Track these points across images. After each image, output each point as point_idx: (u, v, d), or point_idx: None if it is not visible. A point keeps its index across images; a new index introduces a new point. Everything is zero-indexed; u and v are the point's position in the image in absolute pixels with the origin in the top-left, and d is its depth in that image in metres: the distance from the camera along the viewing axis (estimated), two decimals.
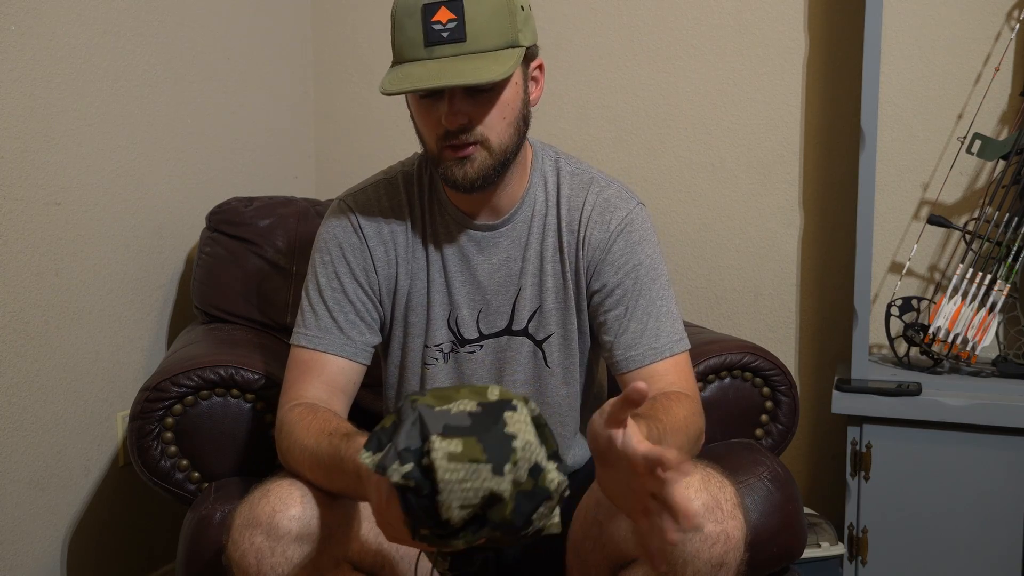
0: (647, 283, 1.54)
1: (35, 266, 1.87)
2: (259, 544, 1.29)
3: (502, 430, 1.11)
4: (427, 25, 1.38)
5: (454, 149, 1.43)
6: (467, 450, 1.09)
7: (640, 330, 1.52)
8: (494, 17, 1.39)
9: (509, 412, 1.12)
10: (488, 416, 1.12)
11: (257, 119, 2.51)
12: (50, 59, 1.89)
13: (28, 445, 1.88)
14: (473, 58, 1.38)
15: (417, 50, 1.39)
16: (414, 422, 1.11)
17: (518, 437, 1.11)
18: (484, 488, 1.08)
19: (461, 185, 1.46)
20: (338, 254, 1.55)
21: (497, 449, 1.09)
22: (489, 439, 1.10)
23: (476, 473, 1.08)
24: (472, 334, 1.59)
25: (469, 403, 1.13)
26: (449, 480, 1.08)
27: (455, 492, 1.08)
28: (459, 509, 1.09)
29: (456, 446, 1.08)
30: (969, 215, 2.29)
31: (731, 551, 1.30)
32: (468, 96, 1.41)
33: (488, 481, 1.08)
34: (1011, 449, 2.05)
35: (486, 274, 1.57)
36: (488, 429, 1.10)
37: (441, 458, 1.08)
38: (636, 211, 1.58)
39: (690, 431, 1.40)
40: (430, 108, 1.43)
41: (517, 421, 1.12)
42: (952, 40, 2.28)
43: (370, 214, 1.56)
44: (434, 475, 1.08)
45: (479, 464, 1.08)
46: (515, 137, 1.47)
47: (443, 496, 1.08)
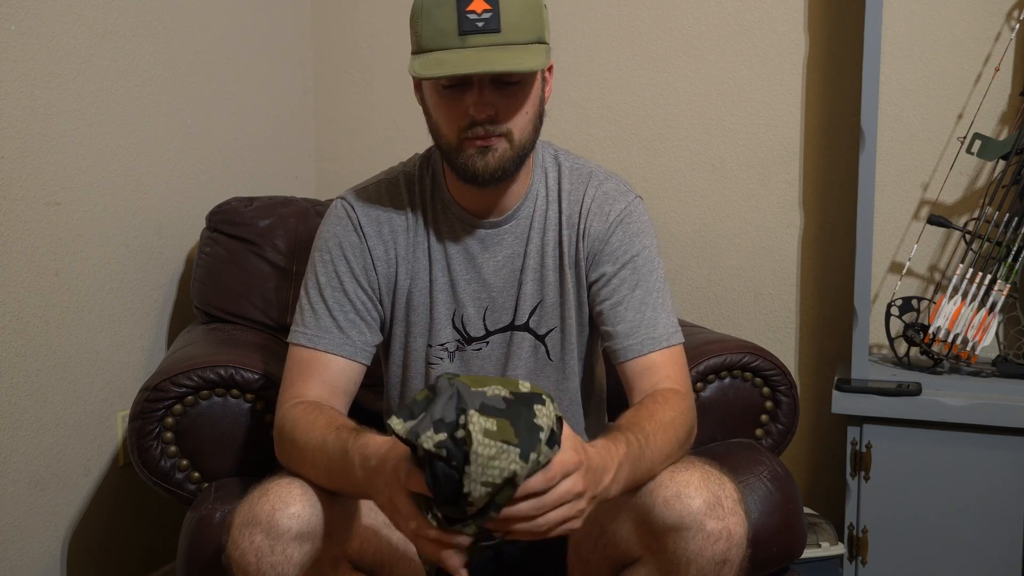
0: (644, 274, 1.55)
1: (35, 266, 1.87)
2: (259, 543, 1.29)
3: (532, 420, 1.13)
4: (461, 14, 1.38)
5: (474, 139, 1.43)
6: (501, 430, 1.11)
7: (638, 320, 1.52)
8: (527, 11, 1.41)
9: (539, 405, 1.15)
10: (521, 404, 1.14)
11: (257, 119, 2.51)
12: (50, 59, 1.89)
13: (28, 445, 1.88)
14: (508, 49, 1.39)
15: (449, 39, 1.39)
16: (451, 396, 1.13)
17: (544, 430, 1.13)
18: (509, 469, 1.11)
19: (481, 176, 1.45)
20: (338, 253, 1.55)
21: (527, 436, 1.12)
22: (521, 425, 1.12)
23: (506, 454, 1.10)
24: (479, 332, 1.59)
25: (502, 389, 1.15)
26: (481, 455, 1.10)
27: (483, 467, 1.10)
28: (481, 486, 1.11)
29: (492, 424, 1.11)
30: (969, 215, 2.29)
31: (734, 547, 1.31)
32: (496, 88, 1.42)
33: (514, 464, 1.11)
34: (1011, 449, 2.05)
35: (491, 271, 1.57)
36: (521, 416, 1.13)
37: (478, 431, 1.10)
38: (634, 204, 1.59)
39: (678, 430, 1.40)
40: (456, 98, 1.43)
41: (545, 415, 1.14)
42: (952, 40, 2.28)
43: (370, 213, 1.56)
44: (468, 447, 1.10)
45: (510, 446, 1.10)
46: (534, 133, 1.49)
47: (472, 468, 1.10)
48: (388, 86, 2.65)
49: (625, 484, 1.29)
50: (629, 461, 1.28)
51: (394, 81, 2.64)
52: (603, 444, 1.27)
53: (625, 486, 1.29)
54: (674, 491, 1.31)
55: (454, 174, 1.50)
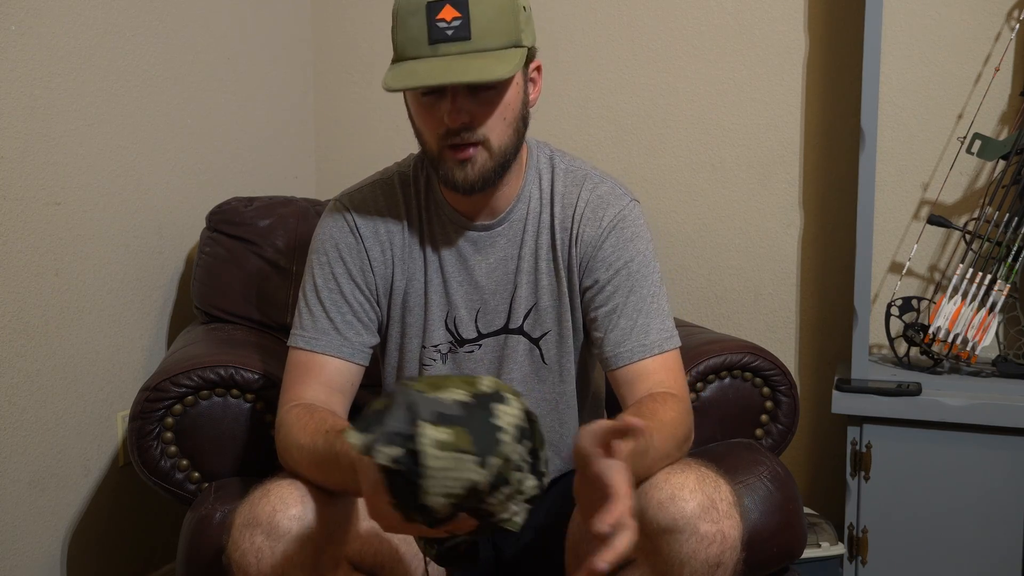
0: (638, 280, 1.54)
1: (35, 266, 1.87)
2: (259, 544, 1.29)
3: (492, 422, 1.11)
4: (431, 22, 1.37)
5: (454, 150, 1.43)
6: (456, 439, 1.09)
7: (629, 327, 1.52)
8: (498, 16, 1.40)
9: (500, 405, 1.12)
10: (480, 407, 1.12)
11: (257, 119, 2.51)
12: (50, 59, 1.89)
13: (28, 445, 1.88)
14: (478, 56, 1.38)
15: (420, 47, 1.39)
16: (406, 406, 1.11)
17: (506, 431, 1.11)
18: (467, 479, 1.09)
19: (461, 187, 1.45)
20: (335, 255, 1.55)
21: (485, 441, 1.09)
22: (478, 430, 1.10)
23: (461, 463, 1.08)
24: (471, 334, 1.59)
25: (461, 392, 1.13)
26: (435, 467, 1.08)
27: (439, 480, 1.08)
28: (442, 497, 1.09)
29: (445, 434, 1.09)
30: (969, 215, 2.29)
31: (727, 551, 1.30)
32: (471, 95, 1.41)
33: (472, 472, 1.09)
34: (1011, 449, 2.05)
35: (484, 274, 1.57)
36: (478, 420, 1.11)
37: (429, 444, 1.08)
38: (629, 208, 1.58)
39: (677, 433, 1.39)
40: (432, 106, 1.42)
41: (507, 414, 1.12)
42: (952, 40, 2.28)
43: (366, 214, 1.56)
44: (421, 461, 1.08)
45: (466, 455, 1.09)
46: (515, 138, 1.47)
47: (427, 482, 1.08)
48: None
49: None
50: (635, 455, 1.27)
51: None
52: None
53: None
54: (668, 493, 1.31)
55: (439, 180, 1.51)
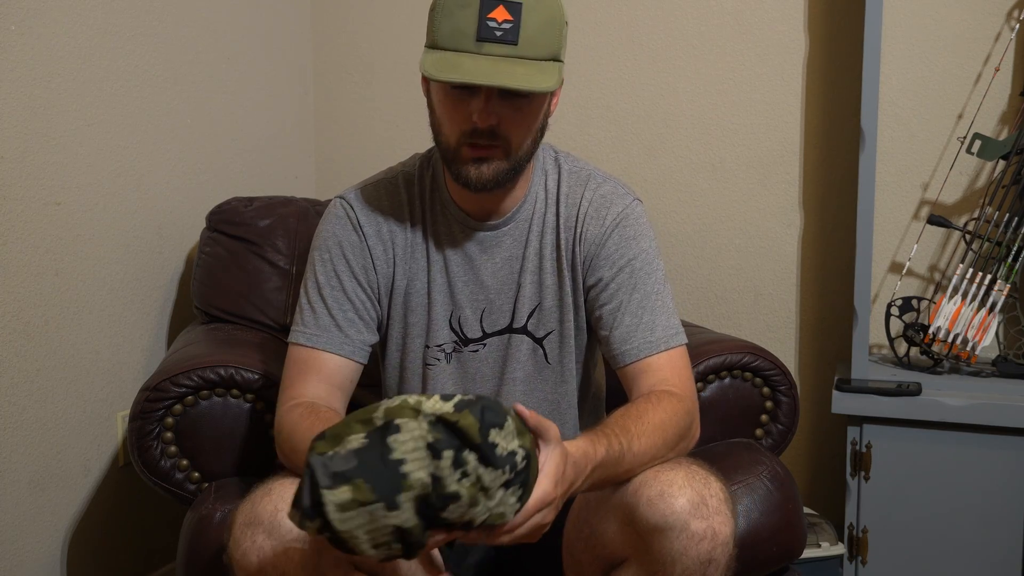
0: (642, 277, 1.54)
1: (35, 266, 1.87)
2: (261, 543, 1.29)
3: (388, 458, 1.10)
4: (482, 20, 1.37)
5: (473, 148, 1.43)
6: (356, 494, 1.09)
7: (635, 324, 1.52)
8: (546, 28, 1.40)
9: (393, 436, 1.11)
10: (373, 448, 1.11)
11: (257, 119, 2.51)
12: (50, 59, 1.89)
13: (28, 445, 1.88)
14: (522, 63, 1.38)
15: (466, 42, 1.38)
16: (308, 477, 1.11)
17: (407, 461, 1.10)
18: (386, 525, 1.09)
19: (474, 185, 1.45)
20: (337, 252, 1.55)
21: (386, 484, 1.09)
22: (376, 475, 1.09)
23: (372, 515, 1.09)
24: (475, 333, 1.59)
25: (358, 437, 1.12)
26: (347, 529, 1.09)
27: (360, 537, 1.10)
28: (373, 548, 1.11)
29: (344, 494, 1.09)
30: (969, 215, 2.29)
31: (719, 547, 1.30)
32: (503, 99, 1.41)
33: (386, 518, 1.09)
34: (1011, 449, 2.05)
35: (489, 273, 1.57)
36: (374, 464, 1.10)
37: (333, 512, 1.09)
38: (632, 207, 1.58)
39: (667, 433, 1.39)
40: (461, 102, 1.42)
41: (404, 442, 1.11)
42: (952, 40, 2.28)
43: (369, 213, 1.56)
44: (333, 528, 1.10)
45: (371, 506, 1.09)
46: (532, 146, 1.49)
47: (349, 542, 1.10)
48: (388, 86, 2.65)
49: (594, 483, 1.30)
50: (606, 465, 1.29)
51: (394, 81, 2.64)
52: (583, 446, 1.27)
53: (594, 484, 1.31)
54: (658, 490, 1.31)
55: (450, 176, 1.50)
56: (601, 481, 1.31)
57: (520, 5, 1.38)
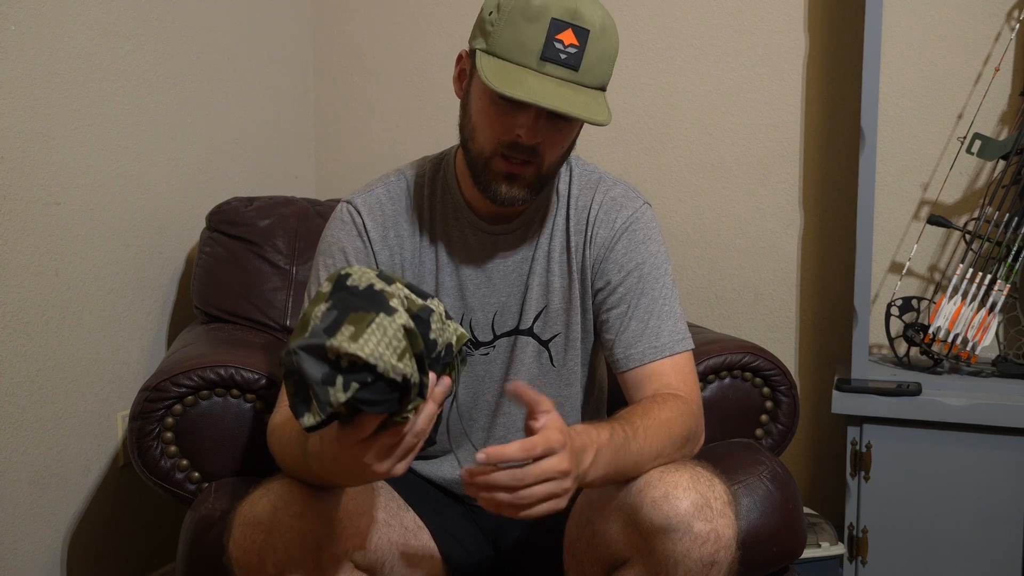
0: (650, 282, 1.54)
1: (35, 266, 1.87)
2: (261, 543, 1.29)
3: (357, 289, 1.14)
4: (550, 39, 1.36)
5: (508, 162, 1.42)
6: (355, 324, 1.11)
7: (641, 329, 1.52)
8: (604, 59, 1.41)
9: (350, 279, 1.15)
10: (340, 296, 1.14)
11: (257, 119, 2.51)
12: (50, 59, 1.89)
13: (28, 445, 1.88)
14: (581, 90, 1.38)
15: (528, 58, 1.36)
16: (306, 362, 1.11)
17: (373, 284, 1.14)
18: (396, 329, 1.11)
19: (502, 201, 1.45)
20: (341, 258, 1.55)
21: (370, 301, 1.12)
22: (358, 303, 1.12)
23: (380, 326, 1.11)
24: (487, 336, 1.58)
25: (321, 307, 1.15)
26: (371, 353, 1.09)
27: (383, 354, 1.10)
28: (398, 359, 1.11)
29: (347, 329, 1.10)
30: (969, 215, 2.29)
31: (722, 549, 1.30)
32: (549, 121, 1.40)
33: (392, 323, 1.11)
34: (1011, 449, 2.05)
35: (501, 276, 1.57)
36: (349, 300, 1.13)
37: (349, 346, 1.09)
38: (642, 210, 1.58)
39: (674, 432, 1.39)
40: (507, 114, 1.40)
41: (358, 275, 1.15)
42: (952, 40, 2.28)
43: (375, 217, 1.56)
44: (357, 368, 1.10)
45: (372, 321, 1.11)
46: (561, 163, 1.49)
47: (380, 365, 1.10)
48: (388, 86, 2.65)
49: (605, 471, 1.29)
50: (610, 448, 1.28)
51: (394, 81, 2.64)
52: (583, 428, 1.27)
53: (605, 473, 1.29)
54: (662, 491, 1.31)
55: (473, 183, 1.49)
56: (609, 468, 1.29)
57: (588, 32, 1.37)
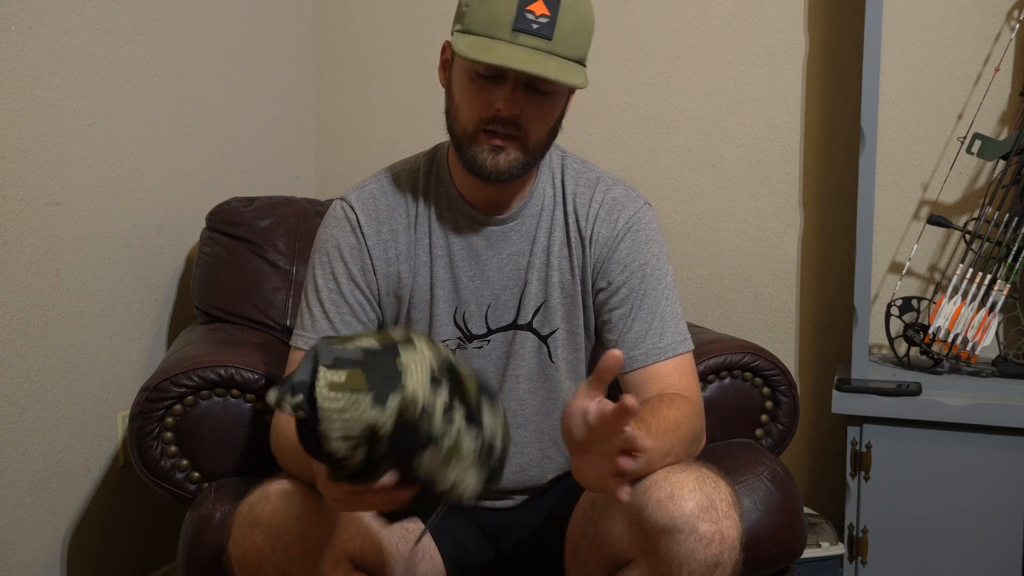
0: (653, 283, 1.54)
1: (35, 266, 1.87)
2: (260, 543, 1.29)
3: (393, 362, 1.11)
4: (521, 10, 1.38)
5: (491, 135, 1.44)
6: (350, 380, 1.08)
7: (644, 330, 1.52)
8: (579, 30, 1.41)
9: (407, 348, 1.12)
10: (384, 353, 1.12)
11: (257, 119, 2.51)
12: (50, 59, 1.89)
13: (28, 445, 1.88)
14: (554, 59, 1.39)
15: (501, 30, 1.38)
16: (308, 357, 1.11)
17: (410, 371, 1.10)
18: (364, 419, 1.08)
19: (489, 173, 1.45)
20: (336, 255, 1.55)
21: (382, 381, 1.09)
22: (377, 371, 1.10)
23: (356, 403, 1.08)
24: (480, 329, 1.59)
25: (370, 341, 1.13)
26: (328, 408, 1.08)
27: (335, 421, 1.08)
28: (340, 440, 1.08)
29: (340, 376, 1.08)
30: (969, 215, 2.29)
31: (726, 551, 1.30)
32: (527, 93, 1.42)
33: (368, 411, 1.08)
34: (1011, 449, 2.05)
35: (495, 269, 1.57)
36: (379, 362, 1.11)
37: (323, 387, 1.08)
38: (643, 211, 1.59)
39: (681, 432, 1.40)
40: (486, 88, 1.42)
41: (412, 357, 1.12)
42: (952, 40, 2.28)
43: (370, 213, 1.56)
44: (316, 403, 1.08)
45: (360, 394, 1.08)
46: (547, 144, 1.50)
47: (323, 425, 1.08)
48: (388, 86, 2.65)
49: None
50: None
51: (394, 81, 2.64)
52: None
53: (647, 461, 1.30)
54: (668, 492, 1.31)
55: (461, 163, 1.49)
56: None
57: (559, 2, 1.39)
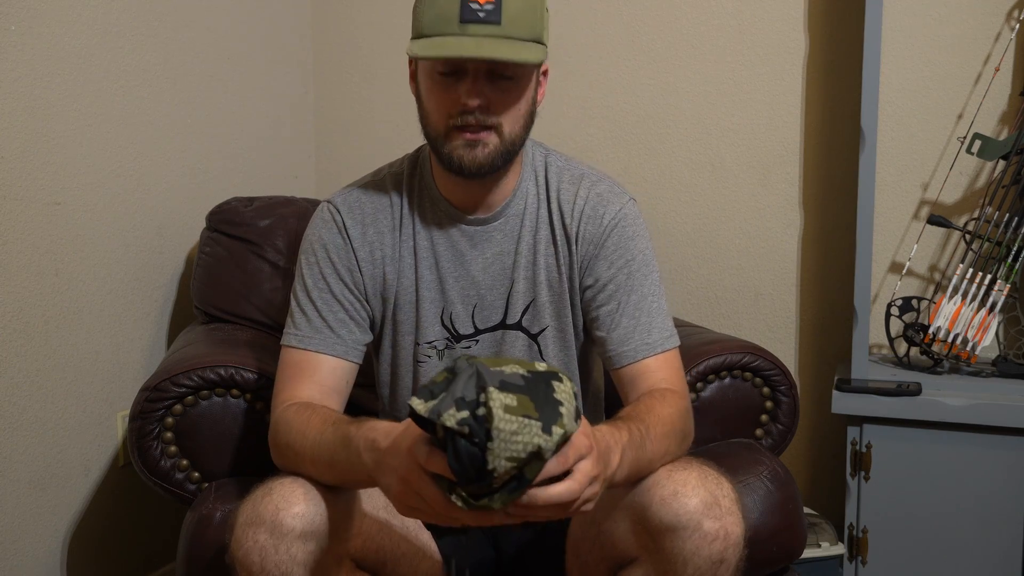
0: (639, 279, 1.55)
1: (35, 266, 1.87)
2: (263, 542, 1.29)
3: (552, 395, 1.13)
4: (464, 3, 1.39)
5: (464, 130, 1.44)
6: (522, 405, 1.11)
7: (632, 326, 1.52)
8: (527, 10, 1.42)
9: (556, 382, 1.15)
10: (539, 381, 1.14)
11: (257, 119, 2.51)
12: (50, 59, 1.89)
13: (28, 445, 1.88)
14: (506, 42, 1.40)
15: (449, 25, 1.40)
16: (471, 375, 1.13)
17: (564, 405, 1.14)
18: (532, 443, 1.10)
19: (467, 168, 1.46)
20: (323, 255, 1.56)
21: (548, 410, 1.12)
22: (541, 400, 1.12)
23: (528, 428, 1.10)
24: (467, 329, 1.59)
25: (520, 368, 1.16)
26: (503, 429, 1.10)
27: (506, 443, 1.10)
28: (506, 461, 1.10)
29: (512, 399, 1.11)
30: (969, 215, 2.29)
31: (730, 547, 1.30)
32: (489, 81, 1.43)
33: (537, 438, 1.10)
34: (1011, 449, 2.05)
35: (480, 268, 1.57)
36: (540, 392, 1.13)
37: (498, 407, 1.10)
38: (628, 206, 1.59)
39: (676, 428, 1.40)
40: (449, 85, 1.43)
41: (563, 391, 1.15)
42: (952, 40, 2.28)
43: (355, 215, 1.57)
44: (489, 423, 1.10)
45: (531, 420, 1.10)
46: (523, 132, 1.50)
47: (495, 444, 1.10)
48: (388, 86, 2.65)
49: (628, 470, 1.29)
50: (632, 447, 1.29)
51: (394, 81, 2.64)
52: (607, 429, 1.27)
53: (628, 473, 1.29)
54: (671, 490, 1.31)
55: (440, 165, 1.50)
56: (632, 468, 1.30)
57: None
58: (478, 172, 1.46)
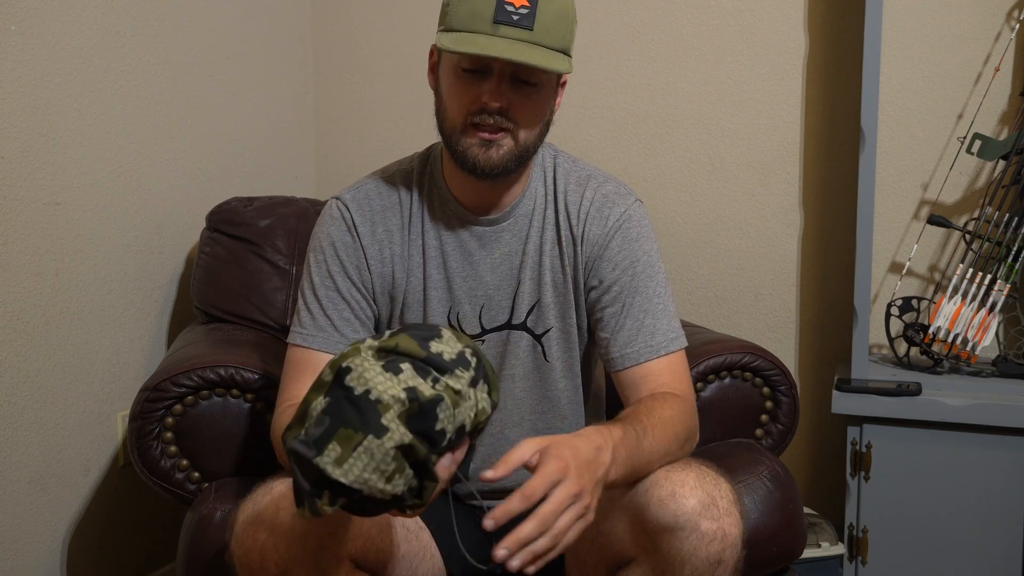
0: (644, 280, 1.54)
1: (35, 266, 1.87)
2: (263, 541, 1.29)
3: (354, 396, 1.12)
4: (500, 4, 1.39)
5: (480, 129, 1.44)
6: (343, 443, 1.10)
7: (636, 328, 1.52)
8: (559, 19, 1.42)
9: (347, 377, 1.14)
10: (336, 399, 1.13)
11: (257, 119, 2.51)
12: (50, 59, 1.89)
13: (28, 445, 1.88)
14: (537, 48, 1.40)
15: (482, 24, 1.40)
16: (295, 463, 1.13)
17: (372, 388, 1.12)
18: (386, 452, 1.10)
19: (481, 168, 1.46)
20: (331, 252, 1.55)
21: (363, 416, 1.11)
22: (352, 416, 1.11)
23: (367, 450, 1.10)
24: (474, 329, 1.59)
25: (319, 403, 1.14)
26: (356, 477, 1.10)
27: (371, 479, 1.10)
28: (388, 483, 1.11)
29: (334, 450, 1.10)
30: (969, 215, 2.29)
31: (728, 548, 1.30)
32: (513, 85, 1.43)
33: (382, 445, 1.10)
34: (1011, 449, 2.05)
35: (488, 269, 1.57)
36: (344, 410, 1.12)
37: (333, 471, 1.10)
38: (634, 207, 1.58)
39: (677, 430, 1.40)
40: (472, 82, 1.43)
41: (359, 376, 1.13)
42: (952, 40, 2.28)
43: (365, 213, 1.57)
44: (343, 488, 1.10)
45: (362, 443, 1.10)
46: (538, 138, 1.50)
47: (368, 488, 1.10)
48: (388, 86, 2.65)
49: (624, 469, 1.28)
50: (625, 445, 1.28)
51: (394, 81, 2.64)
52: (594, 429, 1.27)
53: (625, 471, 1.28)
54: (669, 490, 1.31)
55: (453, 161, 1.50)
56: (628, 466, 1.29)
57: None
58: (491, 173, 1.46)
